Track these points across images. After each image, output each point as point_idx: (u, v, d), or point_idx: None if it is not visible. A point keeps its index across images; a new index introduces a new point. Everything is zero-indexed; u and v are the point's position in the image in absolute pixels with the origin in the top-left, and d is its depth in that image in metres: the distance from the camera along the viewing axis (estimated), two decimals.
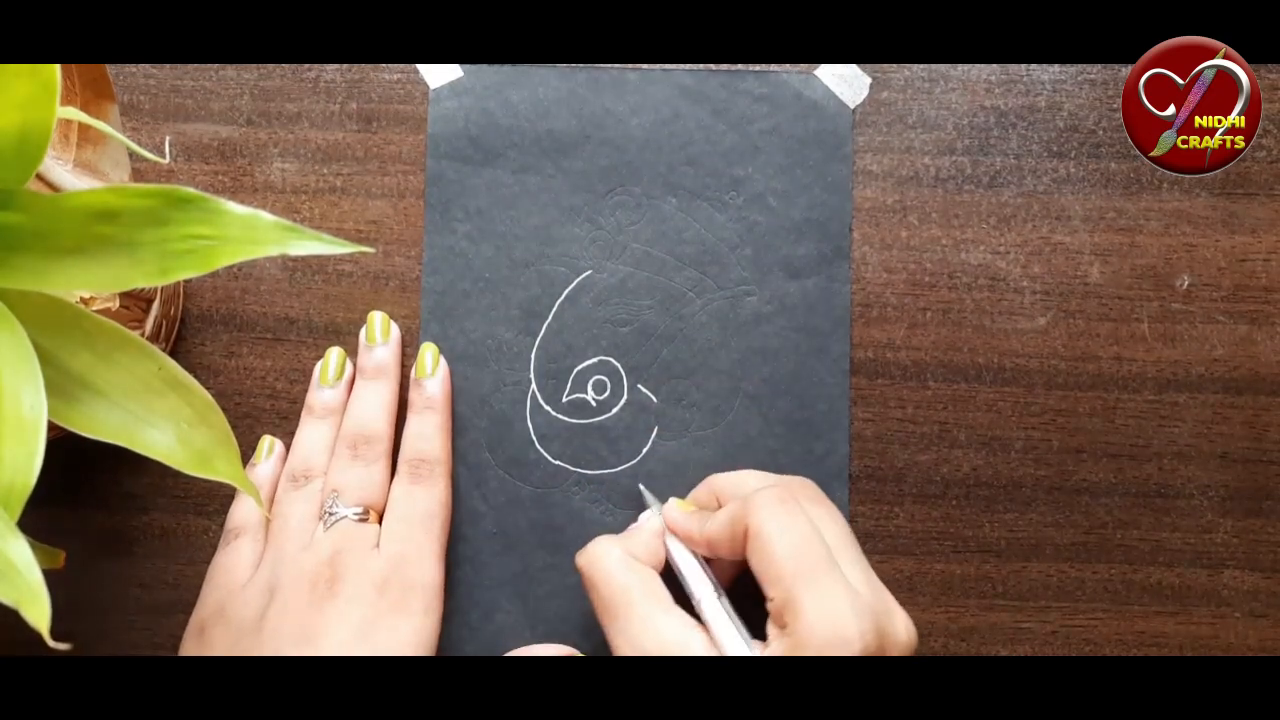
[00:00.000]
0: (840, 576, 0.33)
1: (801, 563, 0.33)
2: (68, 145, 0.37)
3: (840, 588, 0.32)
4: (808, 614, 0.32)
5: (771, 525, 0.33)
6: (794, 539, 0.33)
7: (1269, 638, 0.41)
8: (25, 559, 0.25)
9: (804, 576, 0.32)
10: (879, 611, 0.33)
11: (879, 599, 0.34)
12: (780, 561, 0.33)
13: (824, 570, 0.33)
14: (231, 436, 0.31)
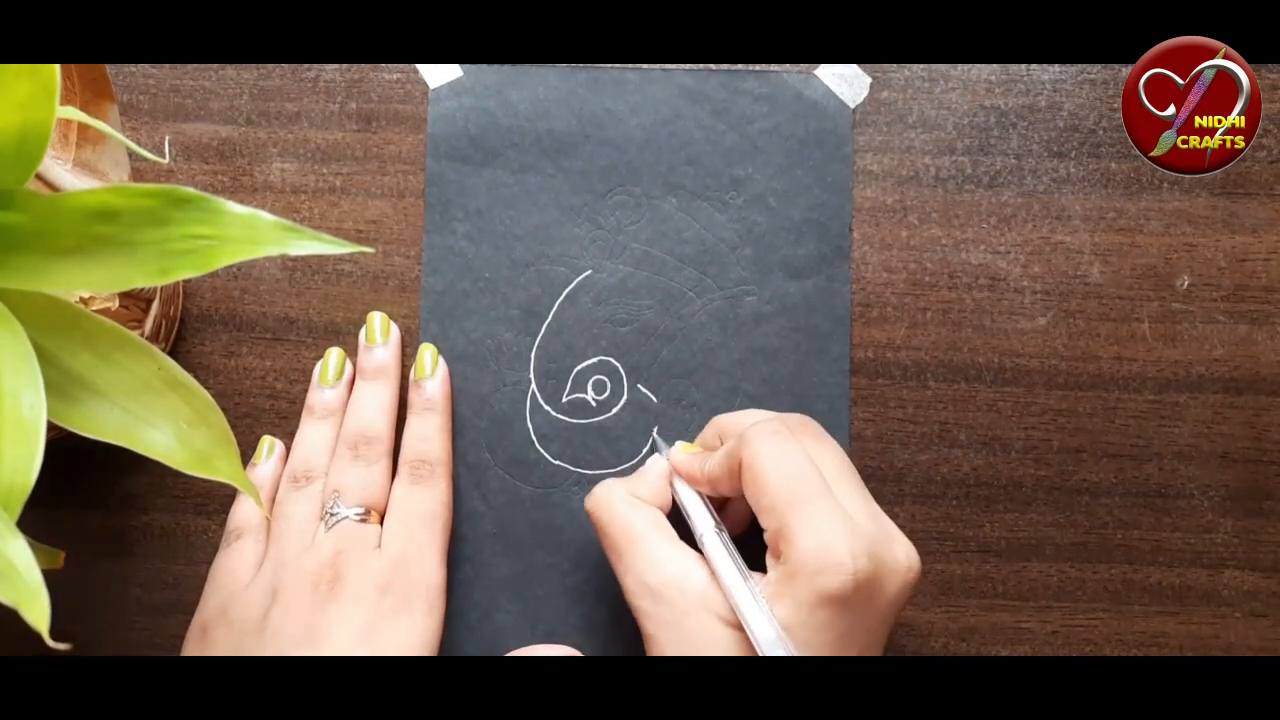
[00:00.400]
0: (833, 504, 0.33)
1: (793, 492, 0.33)
2: (67, 145, 0.37)
3: (832, 514, 0.32)
4: (799, 540, 0.32)
5: (764, 457, 0.33)
6: (786, 469, 0.33)
7: (1269, 638, 0.41)
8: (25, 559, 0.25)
9: (796, 505, 0.32)
10: (876, 539, 0.33)
11: (878, 526, 0.34)
12: (772, 491, 0.33)
13: (816, 498, 0.33)
14: (231, 436, 0.31)
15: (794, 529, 0.32)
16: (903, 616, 0.41)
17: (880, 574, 0.32)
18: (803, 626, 0.31)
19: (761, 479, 0.33)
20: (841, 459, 0.36)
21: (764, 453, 0.34)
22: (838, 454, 0.36)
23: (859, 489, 0.35)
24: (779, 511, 0.33)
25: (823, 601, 0.31)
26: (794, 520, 0.32)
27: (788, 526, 0.32)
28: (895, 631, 0.41)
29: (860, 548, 0.32)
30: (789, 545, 0.32)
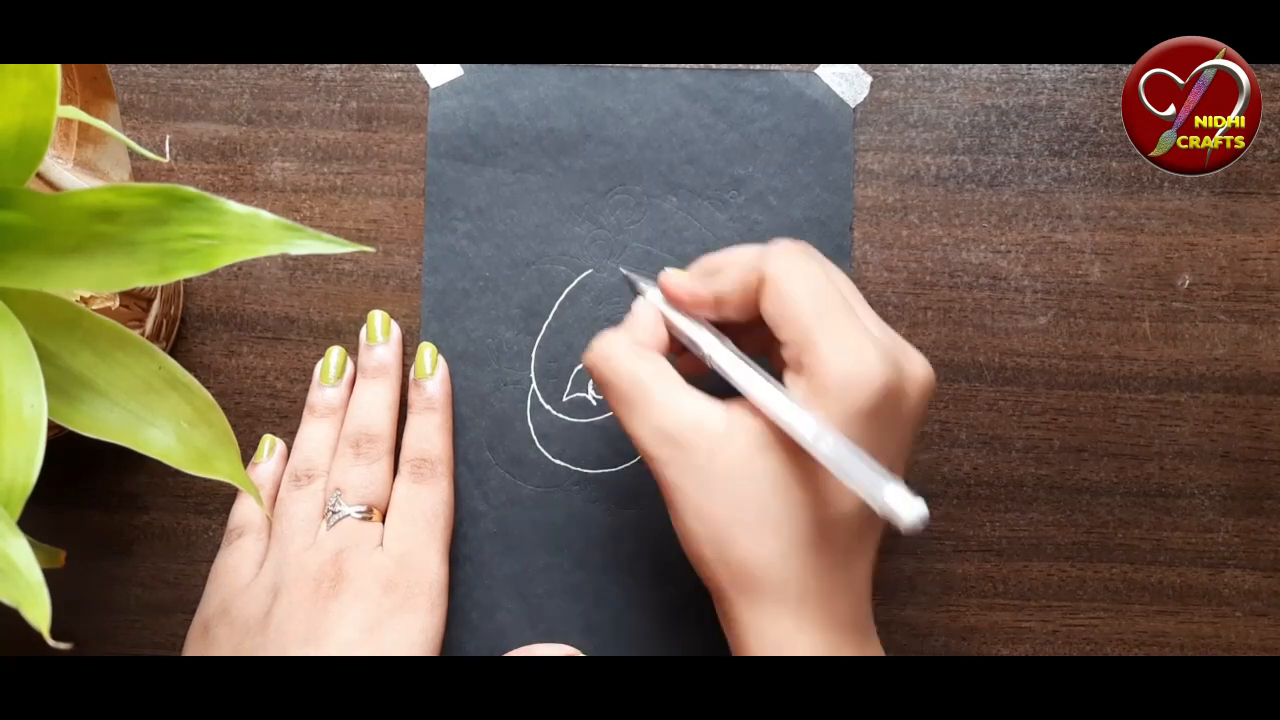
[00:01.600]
0: (857, 319, 0.32)
1: (819, 305, 0.32)
2: (68, 144, 0.37)
3: (859, 329, 0.32)
4: (826, 352, 0.31)
5: (790, 272, 0.33)
6: (811, 283, 0.32)
7: (1270, 637, 0.41)
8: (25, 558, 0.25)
9: (822, 317, 0.32)
10: (895, 351, 0.32)
11: (894, 340, 0.33)
12: (797, 303, 0.32)
13: (842, 312, 0.32)
14: (232, 435, 0.31)
15: (820, 341, 0.31)
16: (903, 616, 0.41)
17: (903, 384, 0.32)
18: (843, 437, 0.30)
19: (786, 291, 0.32)
20: (850, 283, 0.35)
21: (789, 268, 0.33)
22: (846, 277, 0.35)
23: (870, 309, 0.34)
24: (805, 327, 0.32)
25: (856, 414, 0.31)
26: (820, 333, 0.31)
27: (815, 342, 0.31)
28: (895, 631, 0.41)
29: (886, 359, 0.31)
30: (814, 357, 0.31)
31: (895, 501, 0.27)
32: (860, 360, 0.31)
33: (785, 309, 0.32)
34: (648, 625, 0.41)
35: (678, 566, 0.41)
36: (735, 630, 0.33)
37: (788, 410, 0.31)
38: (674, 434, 0.33)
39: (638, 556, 0.41)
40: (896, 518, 0.27)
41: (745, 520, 0.32)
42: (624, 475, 0.42)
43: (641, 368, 0.34)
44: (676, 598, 0.41)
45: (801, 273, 0.33)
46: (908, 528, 0.27)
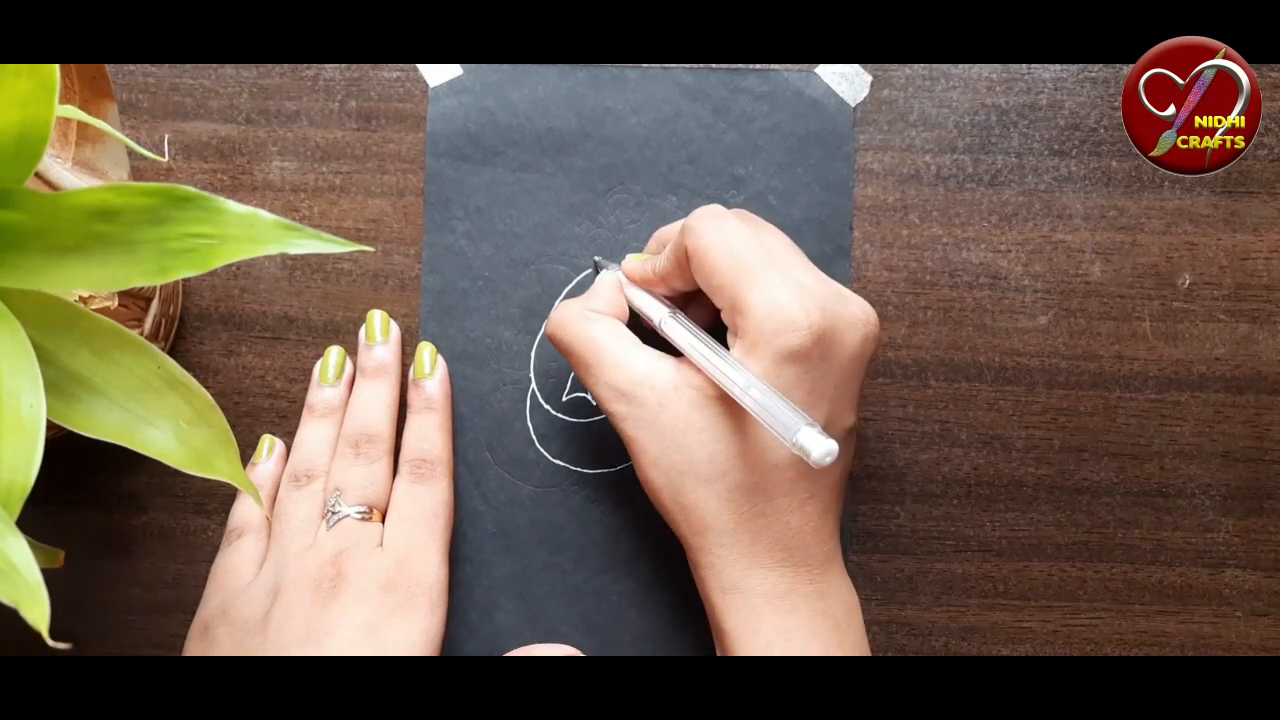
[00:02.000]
0: (780, 271, 0.33)
1: (740, 264, 0.33)
2: (67, 144, 0.37)
3: (780, 279, 0.33)
4: (753, 307, 0.33)
5: (707, 237, 0.34)
6: (730, 243, 0.34)
7: (1270, 637, 0.41)
8: (24, 558, 0.25)
9: (745, 275, 0.33)
10: (826, 297, 0.34)
11: (828, 288, 0.34)
12: (719, 267, 0.34)
13: (763, 266, 0.33)
14: (231, 435, 0.31)
15: (745, 298, 0.33)
16: (903, 616, 0.41)
17: (836, 326, 0.33)
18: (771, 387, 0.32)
19: (709, 258, 0.34)
20: (785, 239, 0.36)
21: (707, 233, 0.34)
22: (781, 235, 0.36)
23: (806, 262, 0.36)
24: (729, 286, 0.33)
25: (785, 359, 0.32)
26: (744, 290, 0.33)
27: (739, 297, 0.33)
28: (895, 631, 0.41)
29: (811, 304, 0.33)
30: (743, 315, 0.33)
31: (806, 440, 0.30)
32: (780, 308, 0.32)
33: (710, 276, 0.34)
34: (648, 625, 0.41)
35: (678, 566, 0.41)
36: (698, 574, 0.36)
37: (718, 367, 0.33)
38: (626, 389, 0.35)
39: (638, 556, 0.41)
40: (806, 455, 0.29)
41: (694, 469, 0.34)
42: (624, 475, 0.42)
43: (595, 330, 0.36)
44: (676, 598, 0.41)
45: (719, 237, 0.34)
46: (815, 462, 0.29)
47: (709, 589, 0.35)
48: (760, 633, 0.34)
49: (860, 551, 0.41)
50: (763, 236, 0.35)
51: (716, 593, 0.35)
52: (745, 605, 0.34)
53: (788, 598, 0.34)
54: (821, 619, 0.34)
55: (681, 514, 0.35)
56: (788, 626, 0.34)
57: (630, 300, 0.38)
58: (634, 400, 0.35)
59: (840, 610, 0.35)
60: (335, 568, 0.36)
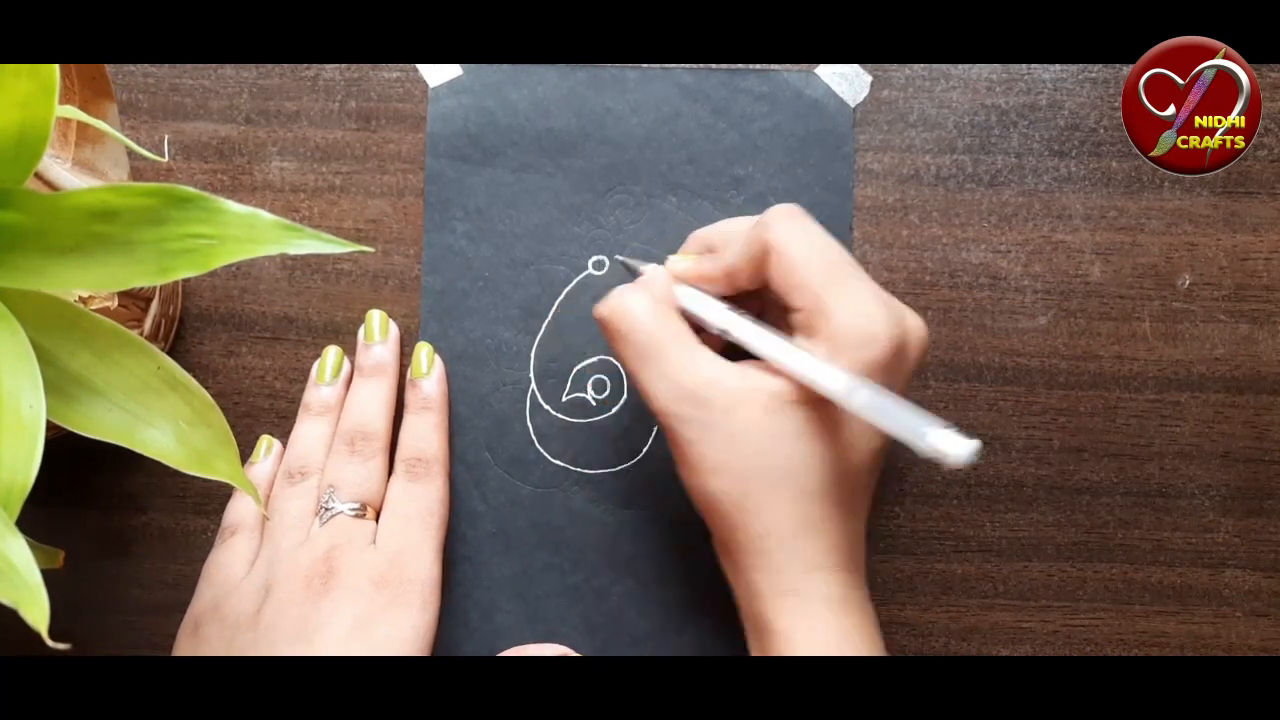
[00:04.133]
0: (865, 279, 0.34)
1: (827, 268, 0.33)
2: (66, 144, 0.37)
3: (867, 288, 0.33)
4: (839, 314, 0.32)
5: (792, 237, 0.34)
6: (817, 246, 0.34)
7: (1270, 637, 0.41)
8: (24, 559, 0.25)
9: (830, 280, 0.33)
10: (898, 310, 0.34)
11: (891, 299, 0.34)
12: (805, 268, 0.33)
13: (849, 273, 0.33)
14: (230, 436, 0.31)
15: (833, 304, 0.33)
16: (903, 616, 0.41)
17: (907, 345, 0.34)
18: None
19: (793, 257, 0.33)
20: (841, 246, 0.36)
21: (792, 233, 0.34)
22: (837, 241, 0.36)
23: (864, 271, 0.35)
24: (814, 289, 0.33)
25: (868, 370, 0.32)
26: (832, 295, 0.33)
27: (827, 304, 0.33)
28: (895, 631, 0.41)
29: (892, 317, 0.33)
30: (827, 319, 0.33)
31: (941, 441, 0.28)
32: (871, 319, 0.32)
33: (794, 276, 0.33)
34: (647, 625, 0.41)
35: (678, 566, 0.41)
36: (747, 576, 0.34)
37: (815, 369, 0.32)
38: (693, 390, 0.34)
39: (637, 556, 0.41)
40: (942, 456, 0.28)
41: (762, 475, 0.33)
42: (623, 475, 0.42)
43: (661, 325, 0.35)
44: (676, 598, 0.41)
45: (805, 238, 0.34)
46: (953, 463, 0.28)
47: (760, 591, 0.34)
48: (817, 633, 0.33)
49: None
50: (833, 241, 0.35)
51: (771, 596, 0.34)
52: (802, 607, 0.33)
53: (845, 601, 0.34)
54: (871, 622, 0.35)
55: (741, 519, 0.34)
56: (845, 628, 0.34)
57: (683, 301, 0.36)
58: (701, 402, 0.33)
59: (874, 616, 0.35)
60: (327, 564, 0.36)
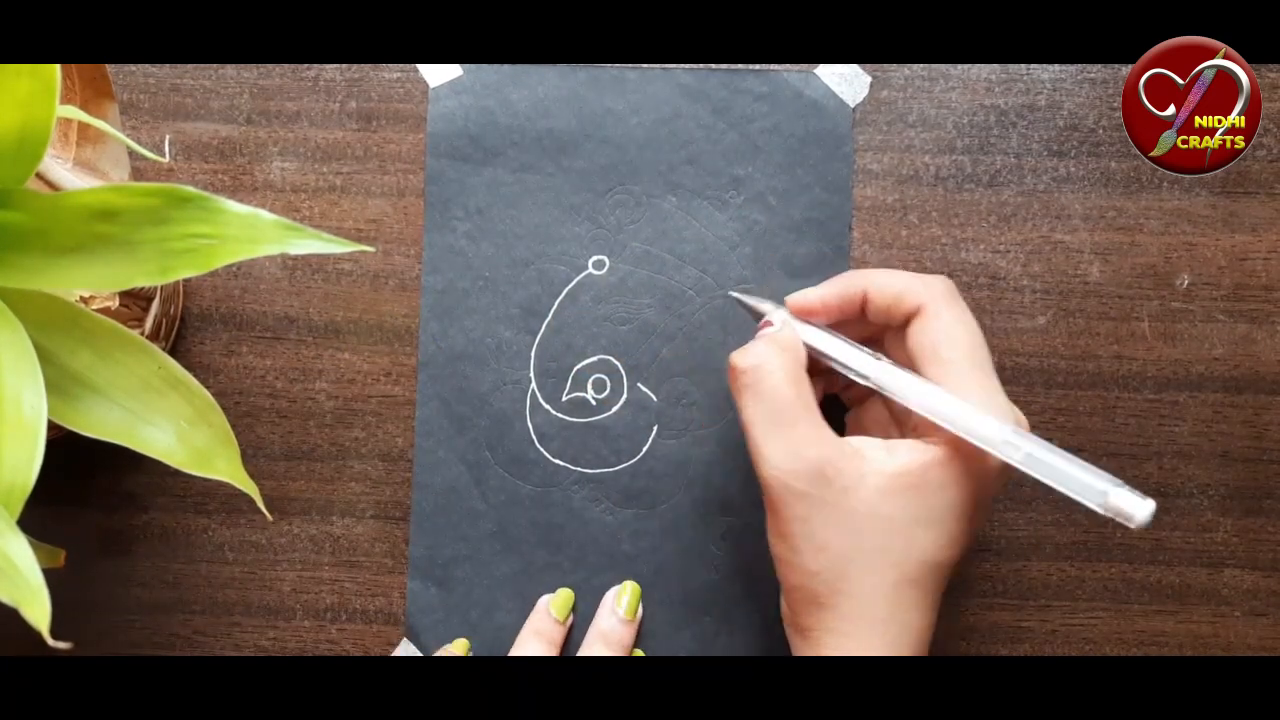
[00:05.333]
0: (995, 379, 0.34)
1: (974, 358, 0.34)
2: (67, 144, 0.37)
3: (997, 388, 0.34)
4: (973, 399, 0.33)
5: (954, 314, 0.34)
6: (971, 335, 0.34)
7: (1269, 637, 0.41)
8: (26, 558, 0.25)
9: (974, 371, 0.33)
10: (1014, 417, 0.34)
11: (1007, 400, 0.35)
12: (956, 348, 0.34)
13: (987, 370, 0.34)
14: (231, 435, 0.31)
15: (969, 390, 0.33)
16: None
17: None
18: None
19: (949, 336, 0.34)
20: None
21: (954, 312, 0.34)
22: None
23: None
24: (959, 368, 0.33)
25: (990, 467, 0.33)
26: (971, 381, 0.33)
27: (965, 386, 0.33)
28: None
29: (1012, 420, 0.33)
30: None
31: (1124, 502, 0.29)
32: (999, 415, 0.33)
33: (937, 349, 0.34)
34: (648, 625, 0.41)
35: (678, 566, 0.41)
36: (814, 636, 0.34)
37: (974, 419, 0.32)
38: (817, 466, 0.33)
39: (637, 556, 0.41)
40: (1126, 517, 0.28)
41: (864, 557, 0.33)
42: (623, 475, 0.42)
43: (798, 391, 0.34)
44: (676, 598, 0.41)
45: (964, 321, 0.34)
46: (1137, 524, 0.28)
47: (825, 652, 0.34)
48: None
49: None
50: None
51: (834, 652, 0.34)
52: None
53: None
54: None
55: (832, 600, 0.33)
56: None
57: (813, 345, 0.36)
58: (821, 480, 0.33)
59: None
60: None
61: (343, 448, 0.42)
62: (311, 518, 0.42)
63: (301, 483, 0.42)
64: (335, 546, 0.42)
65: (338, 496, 0.42)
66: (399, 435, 0.42)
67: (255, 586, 0.42)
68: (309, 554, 0.42)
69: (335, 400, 0.42)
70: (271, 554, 0.42)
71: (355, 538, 0.42)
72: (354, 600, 0.42)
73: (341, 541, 0.42)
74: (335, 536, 0.42)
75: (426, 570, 0.41)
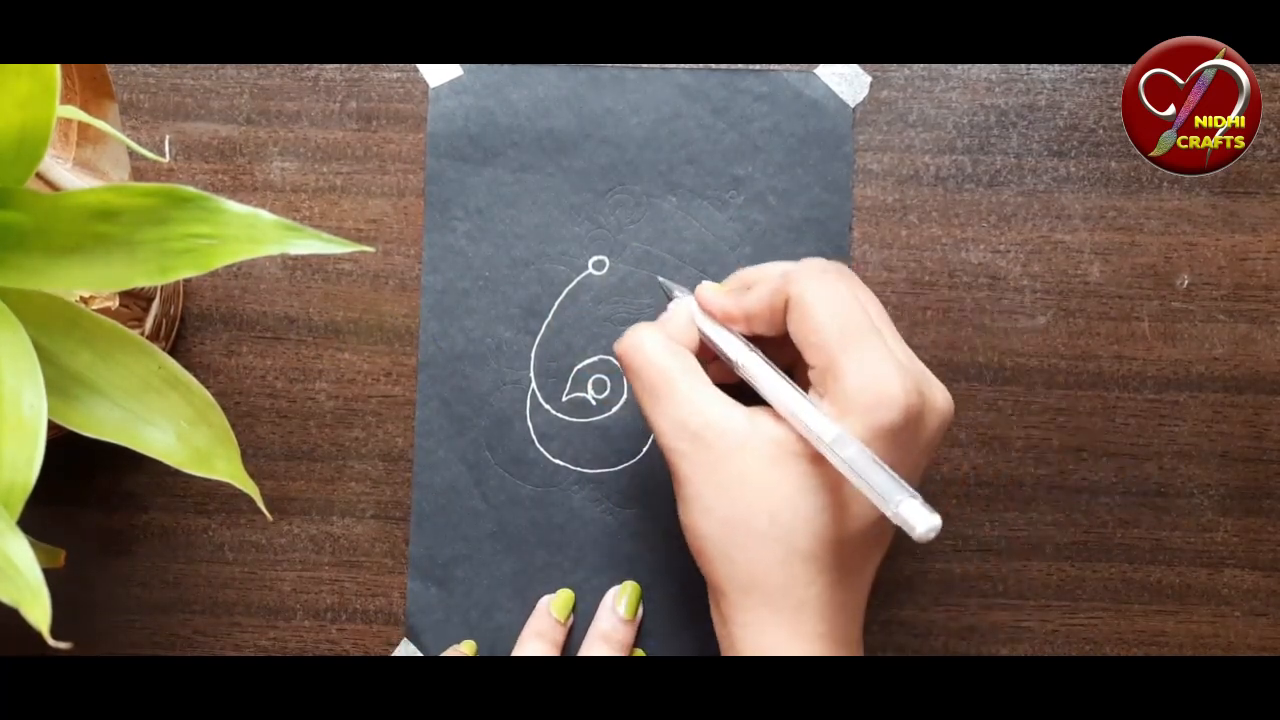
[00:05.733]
0: (882, 342, 0.32)
1: (844, 328, 0.32)
2: (67, 144, 0.37)
3: (883, 351, 0.32)
4: (851, 376, 0.31)
5: (814, 293, 0.33)
6: (836, 306, 0.33)
7: (1269, 637, 0.41)
8: (26, 558, 0.25)
9: (848, 340, 0.32)
10: (919, 377, 0.33)
11: (918, 368, 0.34)
12: (823, 326, 0.32)
13: (867, 335, 0.32)
14: (231, 435, 0.31)
15: (845, 365, 0.32)
16: (903, 616, 0.41)
17: (924, 410, 0.32)
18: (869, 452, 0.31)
19: (812, 314, 0.33)
20: (880, 306, 0.35)
21: (814, 289, 0.33)
22: (875, 300, 0.35)
23: (897, 334, 0.35)
24: (829, 348, 0.32)
25: (877, 434, 0.31)
26: (846, 356, 0.32)
27: (838, 362, 0.32)
28: (895, 632, 0.41)
29: (910, 384, 0.32)
30: (839, 381, 0.32)
31: (910, 513, 0.28)
32: (883, 384, 0.31)
33: (810, 332, 0.33)
34: (647, 625, 0.41)
35: (677, 566, 0.41)
36: (728, 629, 0.34)
37: (812, 416, 0.31)
38: (696, 429, 0.33)
39: (637, 557, 0.41)
40: (910, 528, 0.28)
41: (753, 525, 0.32)
42: (624, 475, 0.42)
43: (672, 362, 0.34)
44: (676, 598, 0.41)
45: (828, 295, 0.33)
46: (920, 537, 0.28)
47: (738, 646, 0.34)
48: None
49: None
50: (864, 300, 0.34)
51: (742, 647, 0.33)
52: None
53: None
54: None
55: (725, 567, 0.33)
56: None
57: (704, 331, 0.36)
58: (701, 442, 0.33)
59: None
60: None
61: (343, 448, 0.42)
62: (311, 518, 0.42)
63: (301, 483, 0.42)
64: (335, 546, 0.42)
65: (338, 496, 0.42)
66: (399, 435, 0.42)
67: (255, 587, 0.42)
68: (309, 554, 0.42)
69: (335, 400, 0.42)
70: (271, 554, 0.42)
71: (355, 538, 0.42)
72: (354, 600, 0.42)
73: (341, 541, 0.42)
74: (335, 536, 0.42)
75: (426, 570, 0.41)
